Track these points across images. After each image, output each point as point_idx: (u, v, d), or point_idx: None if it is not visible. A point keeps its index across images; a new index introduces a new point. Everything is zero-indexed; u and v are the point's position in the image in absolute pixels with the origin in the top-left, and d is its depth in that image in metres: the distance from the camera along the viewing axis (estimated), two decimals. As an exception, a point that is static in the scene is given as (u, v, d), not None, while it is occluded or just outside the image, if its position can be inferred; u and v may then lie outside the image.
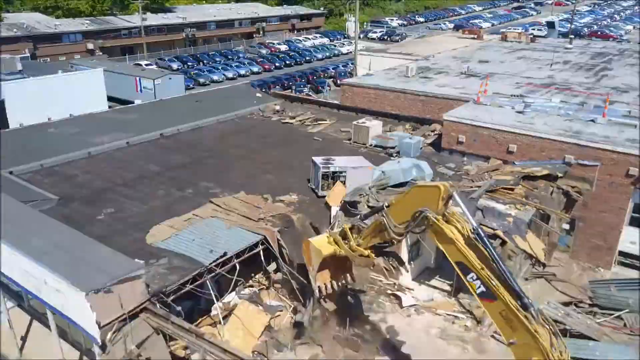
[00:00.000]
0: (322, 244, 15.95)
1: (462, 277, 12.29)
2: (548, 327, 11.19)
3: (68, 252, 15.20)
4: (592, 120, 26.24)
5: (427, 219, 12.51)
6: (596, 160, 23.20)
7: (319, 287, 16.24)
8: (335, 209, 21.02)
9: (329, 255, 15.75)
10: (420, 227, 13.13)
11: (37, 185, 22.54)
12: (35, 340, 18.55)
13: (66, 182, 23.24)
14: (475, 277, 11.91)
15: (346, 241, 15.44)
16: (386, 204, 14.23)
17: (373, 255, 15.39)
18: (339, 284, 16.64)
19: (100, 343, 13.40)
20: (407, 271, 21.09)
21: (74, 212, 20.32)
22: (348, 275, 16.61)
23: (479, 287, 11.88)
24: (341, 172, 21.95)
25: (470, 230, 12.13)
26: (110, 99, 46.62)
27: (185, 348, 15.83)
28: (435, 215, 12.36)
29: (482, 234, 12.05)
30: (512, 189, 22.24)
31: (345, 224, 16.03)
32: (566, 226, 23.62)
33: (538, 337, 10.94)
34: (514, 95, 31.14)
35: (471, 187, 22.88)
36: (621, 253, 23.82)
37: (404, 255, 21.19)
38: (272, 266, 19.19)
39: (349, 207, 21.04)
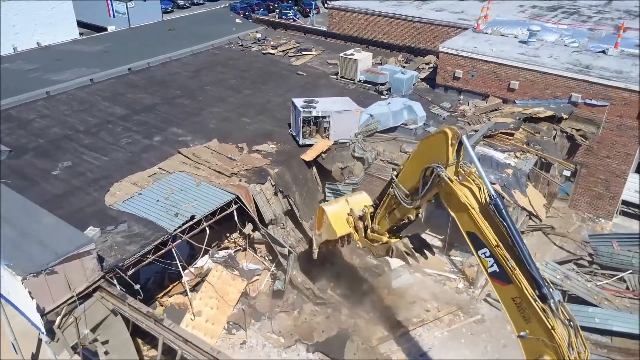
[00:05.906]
0: (339, 220, 14.34)
1: (473, 251, 10.35)
2: (569, 324, 9.36)
3: (8, 224, 13.27)
4: (603, 52, 23.79)
5: (438, 176, 10.46)
6: (605, 100, 21.06)
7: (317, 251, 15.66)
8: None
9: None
10: (433, 191, 10.95)
11: (-13, 133, 20.38)
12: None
13: (21, 128, 20.95)
14: (488, 254, 10.00)
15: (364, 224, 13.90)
16: (395, 173, 12.24)
17: (392, 240, 13.49)
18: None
19: (45, 332, 11.86)
20: (433, 254, 18.64)
21: (27, 166, 18.27)
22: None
23: (492, 265, 9.99)
24: (324, 117, 19.75)
25: (488, 196, 9.98)
26: (81, 24, 43.01)
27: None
28: (446, 173, 10.34)
29: (502, 206, 9.81)
30: (512, 134, 20.25)
31: (367, 207, 13.90)
32: (567, 173, 21.83)
33: (555, 334, 9.18)
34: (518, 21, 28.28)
35: (467, 131, 20.86)
36: (624, 202, 22.25)
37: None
38: (249, 227, 17.46)
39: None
